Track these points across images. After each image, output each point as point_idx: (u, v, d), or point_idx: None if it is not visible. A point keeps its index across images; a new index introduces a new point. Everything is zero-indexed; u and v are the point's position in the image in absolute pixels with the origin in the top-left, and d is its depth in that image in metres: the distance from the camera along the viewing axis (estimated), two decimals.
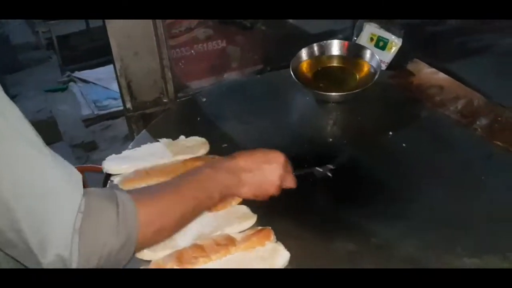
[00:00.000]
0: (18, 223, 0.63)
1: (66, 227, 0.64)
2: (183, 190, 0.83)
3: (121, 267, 0.73)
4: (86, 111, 3.29)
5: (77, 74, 3.69)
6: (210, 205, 0.90)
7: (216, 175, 0.89)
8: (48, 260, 0.64)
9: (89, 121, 3.24)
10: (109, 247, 0.68)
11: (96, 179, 1.38)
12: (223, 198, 0.91)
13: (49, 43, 3.92)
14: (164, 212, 0.78)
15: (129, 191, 0.77)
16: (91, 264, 0.67)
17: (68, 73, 3.72)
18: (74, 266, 0.65)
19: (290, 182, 1.00)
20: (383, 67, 1.49)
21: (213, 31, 1.55)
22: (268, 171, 0.95)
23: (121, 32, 1.26)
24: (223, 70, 1.62)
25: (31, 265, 0.67)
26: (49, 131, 2.88)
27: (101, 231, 0.68)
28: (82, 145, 3.06)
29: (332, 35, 1.63)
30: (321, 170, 1.09)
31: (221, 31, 1.55)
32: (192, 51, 1.54)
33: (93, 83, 3.56)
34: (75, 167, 1.39)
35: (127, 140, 2.22)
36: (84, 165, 1.73)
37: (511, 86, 1.35)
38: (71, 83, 3.63)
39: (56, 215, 0.65)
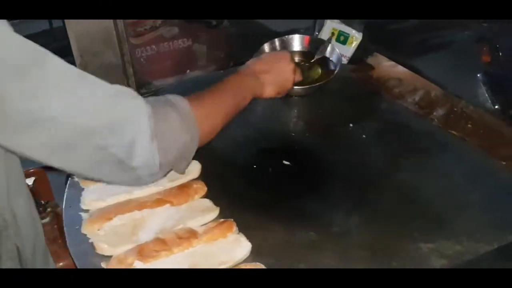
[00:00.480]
0: (105, 141, 0.70)
1: (145, 134, 0.73)
2: (224, 93, 0.97)
3: (190, 159, 0.86)
4: None
5: None
6: (244, 105, 1.01)
7: (244, 80, 1.04)
8: (138, 165, 0.74)
9: None
10: (182, 141, 0.80)
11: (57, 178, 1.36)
12: (251, 98, 1.04)
13: None
14: (214, 111, 0.91)
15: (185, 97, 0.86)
16: (170, 158, 0.79)
17: None
18: (157, 164, 0.76)
19: (298, 74, 1.16)
20: (344, 61, 1.51)
21: (178, 30, 1.54)
22: (282, 68, 1.10)
23: (81, 28, 1.25)
24: (189, 68, 1.62)
25: (125, 178, 0.78)
26: None
27: (172, 130, 0.79)
28: None
29: (297, 32, 1.64)
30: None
31: (187, 30, 1.54)
32: (155, 47, 1.52)
33: None
34: (34, 169, 1.36)
35: None
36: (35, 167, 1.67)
37: (467, 78, 1.40)
38: None
39: (135, 126, 0.73)
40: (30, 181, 1.29)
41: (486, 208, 0.99)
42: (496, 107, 1.34)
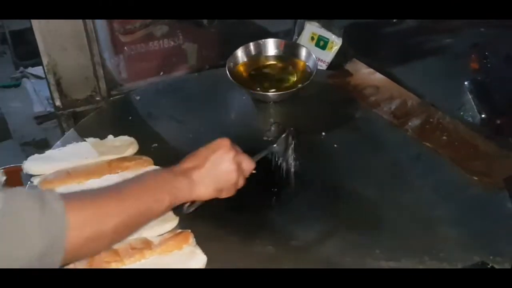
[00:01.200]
0: None
1: None
2: (123, 193, 0.76)
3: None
4: (38, 108, 3.19)
5: (31, 70, 3.57)
6: (160, 209, 0.81)
7: (163, 176, 0.84)
8: None
9: (41, 118, 3.14)
10: (29, 249, 0.63)
11: None
12: (176, 202, 0.84)
13: (3, 38, 3.81)
14: (99, 216, 0.71)
15: (63, 193, 0.70)
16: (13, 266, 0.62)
17: (21, 68, 3.61)
18: None
19: (247, 163, 0.91)
20: (324, 66, 1.48)
21: (168, 28, 1.51)
22: (218, 160, 0.87)
23: (48, 26, 1.21)
24: (178, 68, 1.58)
25: None
26: None
27: (20, 231, 0.62)
28: (33, 142, 2.96)
29: (291, 33, 1.61)
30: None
31: (177, 29, 1.51)
32: (144, 45, 1.49)
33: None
34: (5, 169, 1.32)
35: None
36: (7, 166, 1.64)
37: (455, 86, 1.36)
38: (24, 79, 3.51)
39: None
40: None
41: (453, 225, 0.95)
42: (483, 116, 1.31)
